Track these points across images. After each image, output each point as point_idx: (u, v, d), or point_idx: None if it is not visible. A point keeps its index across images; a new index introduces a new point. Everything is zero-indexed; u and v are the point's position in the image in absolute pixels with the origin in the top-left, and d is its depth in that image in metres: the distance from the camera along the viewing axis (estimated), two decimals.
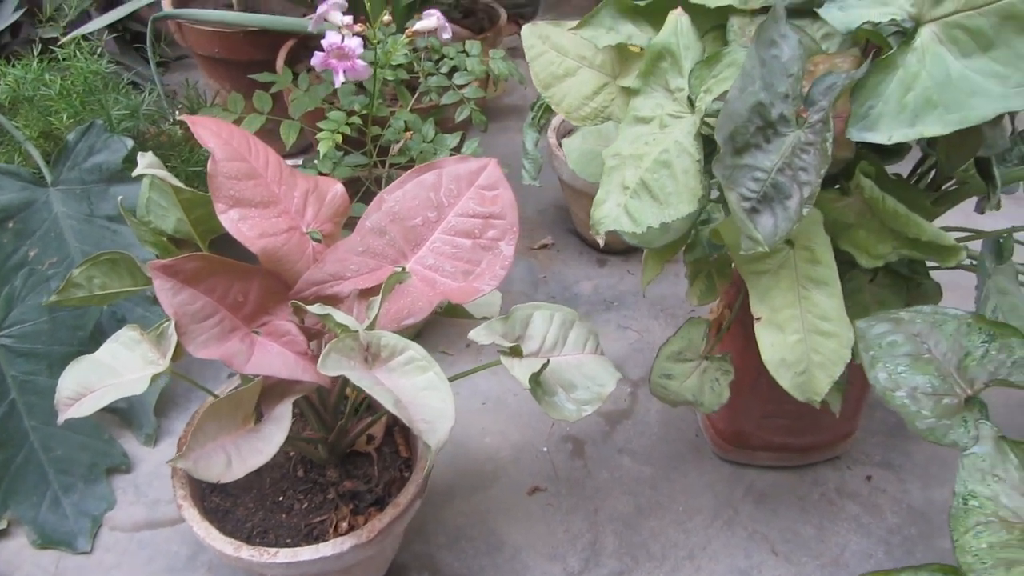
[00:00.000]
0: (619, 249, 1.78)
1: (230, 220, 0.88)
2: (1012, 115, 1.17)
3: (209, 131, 0.89)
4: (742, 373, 1.28)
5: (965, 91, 0.77)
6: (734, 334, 1.23)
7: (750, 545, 1.28)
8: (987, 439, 0.62)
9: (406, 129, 1.39)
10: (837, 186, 0.93)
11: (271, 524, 1.06)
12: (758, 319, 0.92)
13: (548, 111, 1.28)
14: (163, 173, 0.92)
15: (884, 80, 0.79)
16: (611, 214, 0.88)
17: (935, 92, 0.77)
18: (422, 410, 0.81)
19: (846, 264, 1.02)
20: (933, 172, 1.08)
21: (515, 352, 0.94)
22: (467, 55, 1.52)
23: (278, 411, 0.92)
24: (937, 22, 0.78)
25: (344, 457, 1.13)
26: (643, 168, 0.87)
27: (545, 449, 1.42)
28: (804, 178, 0.80)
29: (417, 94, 1.53)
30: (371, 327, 0.86)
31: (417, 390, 0.83)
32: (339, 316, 0.86)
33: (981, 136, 0.91)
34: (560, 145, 1.67)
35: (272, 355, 0.91)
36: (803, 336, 0.89)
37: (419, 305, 0.93)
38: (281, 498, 1.09)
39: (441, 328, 1.61)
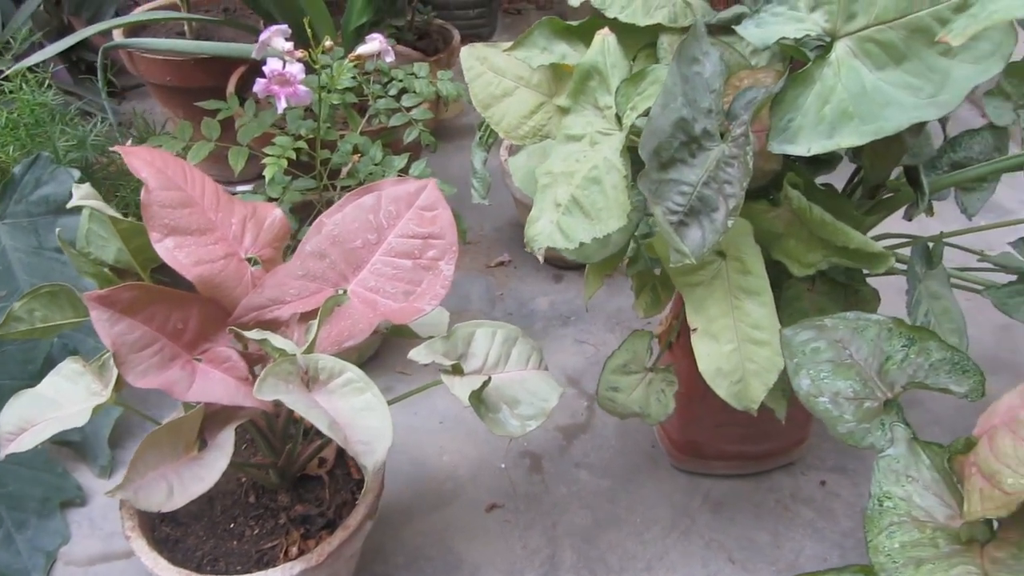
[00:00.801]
0: (575, 265, 1.80)
1: (165, 249, 0.89)
2: (943, 124, 1.20)
3: (142, 161, 0.89)
4: (693, 384, 1.29)
5: (879, 103, 0.79)
6: (683, 345, 1.24)
7: (707, 554, 1.29)
8: (901, 441, 0.63)
9: (355, 152, 1.39)
10: (768, 198, 0.95)
11: (222, 552, 1.06)
12: (694, 330, 0.93)
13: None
14: (99, 204, 0.92)
15: (803, 93, 0.81)
16: (545, 231, 0.89)
17: (851, 104, 0.79)
18: (360, 431, 0.81)
19: (784, 273, 1.04)
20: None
21: (456, 370, 0.95)
22: (415, 77, 1.54)
23: (221, 438, 0.92)
24: (851, 37, 0.81)
25: (296, 481, 1.13)
26: (574, 185, 0.89)
27: (503, 466, 1.42)
28: (729, 191, 0.82)
29: (367, 117, 1.54)
30: (309, 350, 0.87)
31: (355, 411, 0.83)
32: (276, 340, 0.86)
33: (903, 145, 0.93)
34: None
35: (213, 382, 0.91)
36: (737, 345, 0.91)
37: (359, 327, 0.94)
38: (232, 525, 1.09)
39: (398, 349, 1.61)
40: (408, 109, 1.50)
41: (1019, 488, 0.52)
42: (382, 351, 1.61)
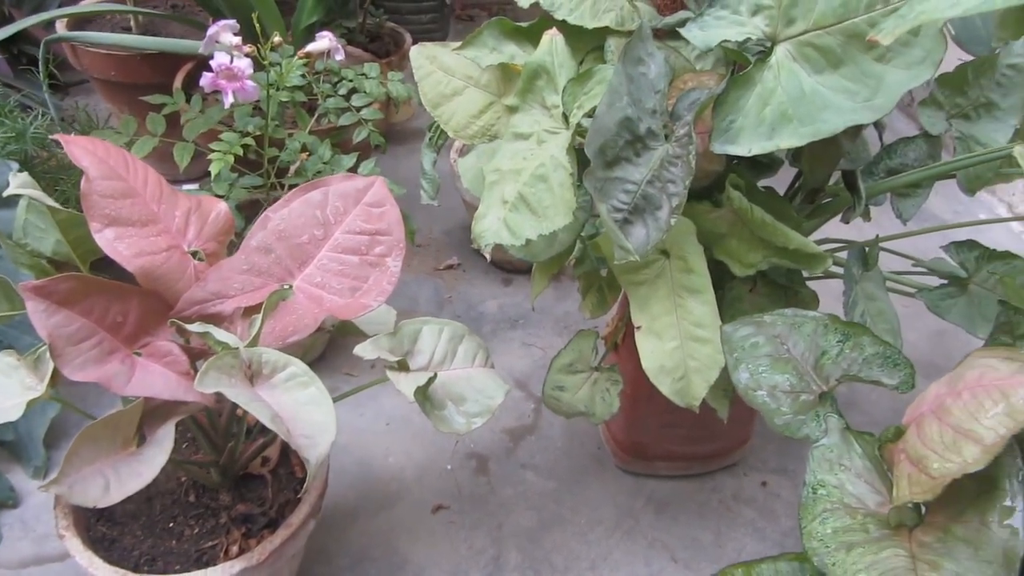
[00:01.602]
0: (524, 268, 1.81)
1: (106, 239, 0.87)
2: (880, 132, 1.24)
3: (83, 149, 0.88)
4: (638, 385, 1.31)
5: (817, 105, 0.81)
6: (629, 347, 1.25)
7: (650, 553, 1.31)
8: (834, 431, 0.65)
9: (303, 150, 1.39)
10: (711, 199, 0.97)
11: (160, 551, 1.04)
12: (638, 328, 0.95)
13: (445, 133, 1.30)
14: (37, 193, 0.90)
15: (744, 96, 0.83)
16: (492, 228, 0.90)
17: (790, 106, 0.81)
18: (303, 425, 0.80)
19: (727, 275, 1.06)
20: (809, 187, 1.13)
21: (402, 366, 0.95)
22: (366, 77, 1.53)
23: (160, 433, 0.90)
24: (790, 41, 0.83)
25: (238, 480, 1.11)
26: (521, 182, 0.89)
27: (449, 467, 1.42)
28: (672, 189, 0.83)
29: (316, 116, 1.53)
30: (252, 344, 0.86)
31: (299, 405, 0.83)
32: (219, 334, 0.85)
33: (840, 149, 0.96)
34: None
35: (153, 376, 0.89)
36: (680, 343, 0.92)
37: (304, 322, 0.93)
38: (171, 524, 1.07)
39: (345, 350, 1.60)
40: (358, 109, 1.49)
41: (944, 472, 0.54)
42: (328, 352, 1.60)
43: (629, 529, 1.34)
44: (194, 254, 0.95)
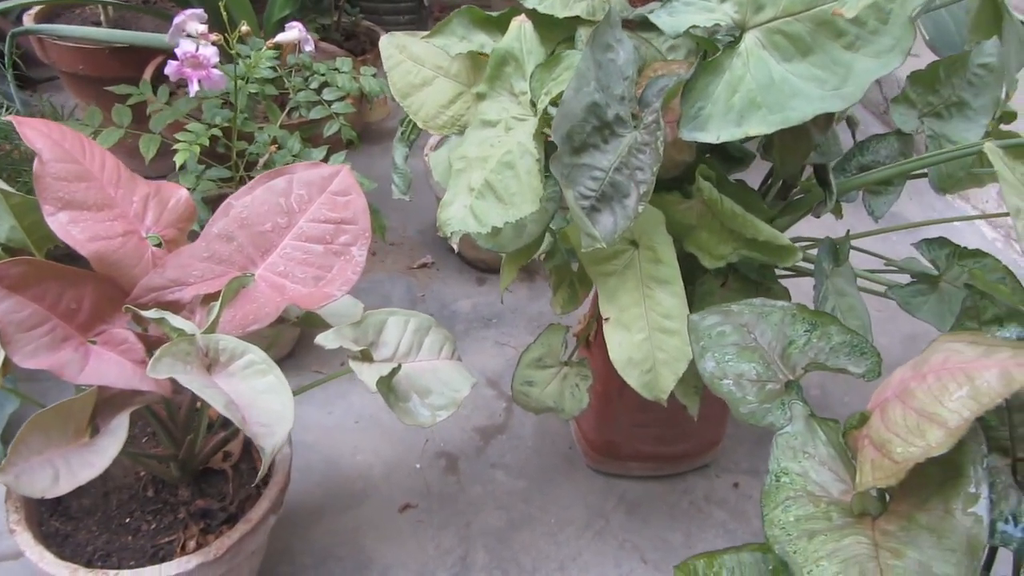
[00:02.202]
0: (498, 267, 1.79)
1: (59, 223, 0.85)
2: (852, 130, 1.23)
3: (36, 131, 0.85)
4: (609, 382, 1.30)
5: (786, 93, 0.80)
6: (601, 344, 1.24)
7: (620, 554, 1.29)
8: (799, 418, 0.63)
9: (272, 143, 1.36)
10: (680, 190, 0.96)
11: (115, 547, 1.01)
12: (607, 319, 0.93)
13: (418, 127, 1.28)
14: None
15: (713, 82, 0.82)
16: (457, 215, 0.88)
17: (759, 94, 0.80)
18: (259, 413, 0.78)
19: (698, 270, 1.04)
20: (781, 183, 1.13)
21: (365, 356, 0.93)
22: (338, 71, 1.51)
23: (114, 423, 0.88)
24: (760, 28, 0.82)
25: (198, 475, 1.09)
26: (488, 169, 0.88)
27: (418, 466, 1.40)
28: (640, 177, 0.82)
29: (287, 110, 1.51)
30: (210, 331, 0.84)
31: (256, 393, 0.80)
32: (175, 320, 0.83)
33: (811, 141, 0.95)
34: None
35: (108, 364, 0.87)
36: (648, 334, 0.91)
37: (266, 311, 0.91)
38: (128, 520, 1.04)
39: (314, 349, 1.57)
40: (329, 103, 1.48)
41: (908, 456, 0.52)
42: (297, 350, 1.57)
43: (600, 530, 1.32)
44: (153, 241, 0.93)
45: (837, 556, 0.54)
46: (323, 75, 1.50)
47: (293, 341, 1.55)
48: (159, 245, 0.92)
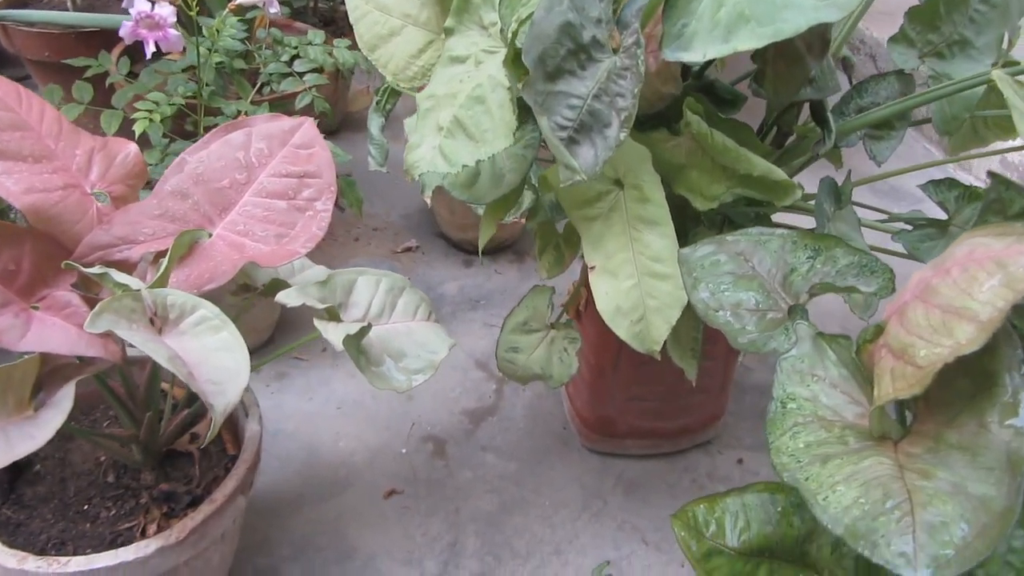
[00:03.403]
0: (486, 250, 1.72)
1: None
2: (849, 74, 1.17)
3: None
4: (603, 354, 1.22)
5: (777, 4, 0.73)
6: (591, 315, 1.17)
7: (620, 535, 1.21)
8: (805, 339, 0.56)
9: (238, 116, 1.30)
10: (667, 126, 0.89)
11: (71, 535, 0.93)
12: (592, 268, 0.86)
13: (394, 95, 1.22)
14: None
15: None
16: (426, 156, 0.81)
17: (747, 6, 0.73)
18: (211, 371, 0.71)
19: (691, 220, 0.98)
20: (776, 129, 1.06)
21: (331, 315, 0.86)
22: (310, 44, 1.45)
23: (59, 395, 0.80)
24: None
25: (163, 459, 1.01)
26: (457, 106, 0.81)
27: (404, 451, 1.32)
28: (621, 104, 0.75)
29: (258, 86, 1.44)
30: (157, 285, 0.77)
31: (208, 351, 0.73)
32: (118, 276, 0.76)
33: (806, 68, 0.88)
34: None
35: (51, 330, 0.80)
36: (637, 280, 0.84)
37: (222, 268, 0.84)
38: (86, 507, 0.96)
39: (294, 334, 1.51)
40: (301, 75, 1.41)
41: (933, 359, 0.45)
42: (276, 336, 1.50)
43: (597, 511, 1.25)
44: (98, 197, 0.86)
45: (856, 479, 0.46)
46: (295, 48, 1.43)
47: (272, 327, 1.48)
48: (105, 200, 0.85)
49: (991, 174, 0.60)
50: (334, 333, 0.82)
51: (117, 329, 0.70)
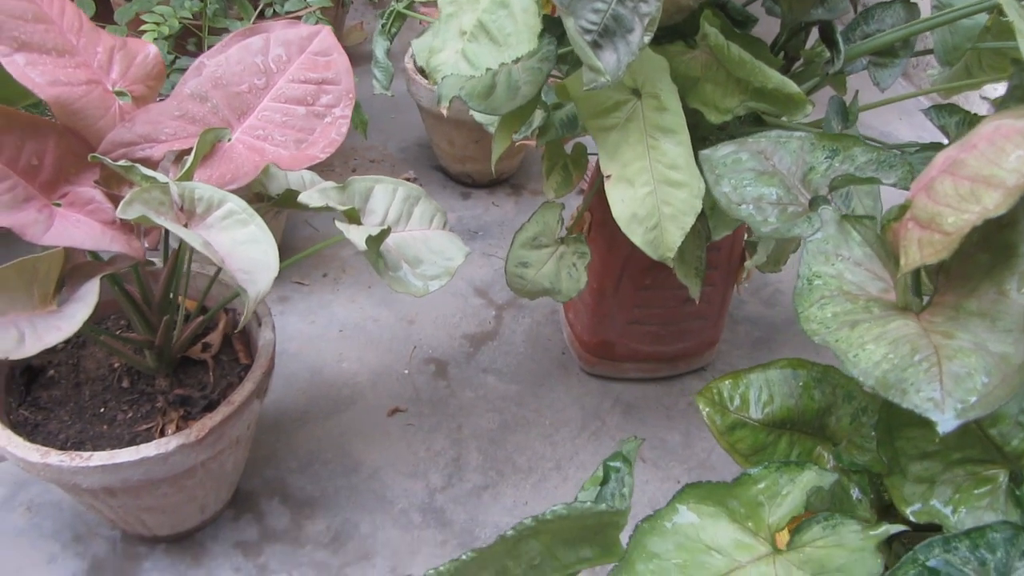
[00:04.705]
0: (484, 183, 1.73)
1: (15, 64, 0.78)
2: (854, 2, 1.18)
3: None
4: (604, 278, 1.25)
5: None
6: (595, 238, 1.19)
7: None
8: (830, 222, 0.59)
9: None
10: (684, 40, 0.90)
11: (89, 435, 0.95)
12: (608, 177, 0.88)
13: (399, 19, 1.22)
14: None
15: None
16: (449, 59, 0.82)
17: None
18: (241, 261, 0.73)
19: (703, 141, 0.99)
20: (784, 54, 1.08)
21: (352, 218, 0.87)
22: None
23: (83, 289, 0.81)
24: None
25: (176, 366, 1.03)
26: (481, 9, 0.82)
27: (406, 372, 1.34)
28: (644, 9, 0.76)
29: (260, 8, 1.43)
30: (185, 179, 0.77)
31: (236, 244, 0.75)
32: (145, 170, 0.77)
33: None
34: (418, 71, 1.60)
35: (74, 225, 0.81)
36: (653, 188, 0.86)
37: (244, 170, 0.85)
38: (103, 409, 0.98)
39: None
40: None
41: (961, 224, 0.48)
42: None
43: (596, 430, 1.28)
44: (119, 95, 0.86)
45: (884, 339, 0.49)
46: None
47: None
48: (126, 98, 0.86)
49: (1015, 61, 0.63)
50: (356, 234, 0.83)
51: (148, 214, 0.71)
